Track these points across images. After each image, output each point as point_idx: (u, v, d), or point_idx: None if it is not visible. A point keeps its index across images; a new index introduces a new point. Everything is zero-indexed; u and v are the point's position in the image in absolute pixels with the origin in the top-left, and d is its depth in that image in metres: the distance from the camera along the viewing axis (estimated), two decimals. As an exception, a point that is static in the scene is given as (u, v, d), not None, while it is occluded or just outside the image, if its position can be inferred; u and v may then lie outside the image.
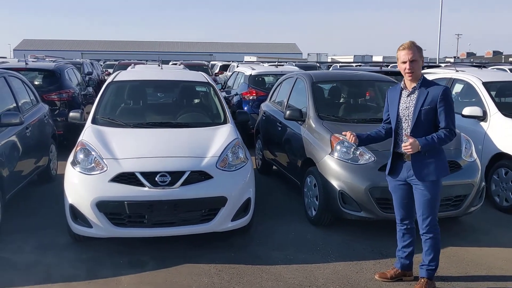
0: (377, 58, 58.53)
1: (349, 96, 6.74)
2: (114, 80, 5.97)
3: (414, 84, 3.62)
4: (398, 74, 10.85)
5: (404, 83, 3.69)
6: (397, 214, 3.89)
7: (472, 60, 66.31)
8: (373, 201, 4.70)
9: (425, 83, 3.63)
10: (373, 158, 4.82)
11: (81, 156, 4.50)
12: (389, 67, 19.48)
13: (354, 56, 62.38)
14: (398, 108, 3.67)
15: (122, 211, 4.20)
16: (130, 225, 4.27)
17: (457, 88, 7.70)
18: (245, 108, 9.70)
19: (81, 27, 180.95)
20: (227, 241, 4.73)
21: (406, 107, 3.63)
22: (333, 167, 4.94)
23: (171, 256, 4.41)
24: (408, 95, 3.65)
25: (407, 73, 3.57)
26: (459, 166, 4.95)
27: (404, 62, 3.57)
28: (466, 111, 6.35)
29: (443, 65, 20.75)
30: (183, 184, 4.28)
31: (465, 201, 4.92)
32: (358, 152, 4.90)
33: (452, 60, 59.39)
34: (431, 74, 8.33)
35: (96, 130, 4.97)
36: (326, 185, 4.96)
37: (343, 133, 3.90)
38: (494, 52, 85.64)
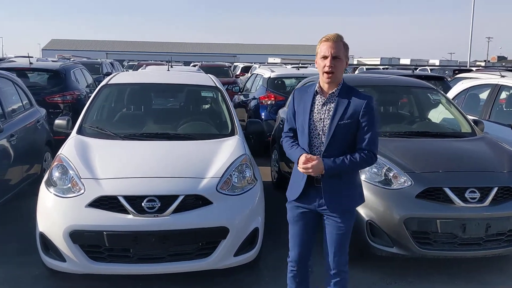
0: (405, 61, 57.04)
1: (380, 104, 5.87)
2: (109, 82, 5.23)
3: (332, 90, 2.79)
4: (432, 79, 9.95)
5: (320, 87, 2.83)
6: (293, 251, 3.05)
7: (504, 64, 63.98)
8: (408, 234, 3.84)
9: (345, 90, 2.80)
10: (409, 182, 3.96)
11: (56, 174, 3.77)
12: (417, 70, 18.43)
13: (381, 58, 60.97)
14: (310, 119, 2.82)
15: (101, 243, 3.45)
16: (111, 259, 3.52)
17: (503, 96, 6.74)
18: (263, 113, 8.91)
19: (109, 28, 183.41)
20: (230, 278, 3.95)
21: (320, 119, 2.80)
22: (360, 191, 4.08)
23: (161, 296, 3.66)
24: (323, 104, 2.80)
25: (326, 72, 2.73)
26: (515, 193, 4.04)
27: (325, 58, 2.74)
28: (520, 123, 5.43)
29: (474, 69, 19.56)
30: (175, 211, 3.51)
31: (522, 236, 4.01)
32: (391, 174, 4.04)
33: (482, 64, 57.37)
34: (472, 80, 7.39)
35: (79, 142, 4.23)
36: (351, 212, 4.11)
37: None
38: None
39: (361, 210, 4.01)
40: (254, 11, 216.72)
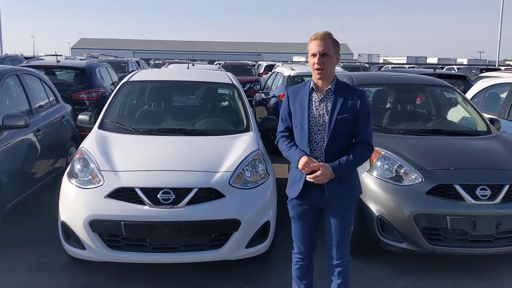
0: (432, 60, 56.21)
1: (395, 102, 5.90)
2: (130, 80, 5.43)
3: (327, 86, 2.88)
4: (455, 77, 9.87)
5: (315, 84, 2.91)
6: (297, 244, 3.15)
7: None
8: (418, 230, 3.89)
9: (340, 86, 2.90)
10: (420, 179, 4.01)
11: (78, 166, 3.96)
12: (444, 69, 18.19)
13: (407, 57, 60.23)
14: (309, 116, 2.88)
15: (119, 232, 3.62)
16: (128, 248, 3.69)
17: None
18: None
19: (137, 27, 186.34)
20: (242, 270, 4.06)
21: (319, 115, 2.87)
22: (372, 187, 4.15)
23: (176, 285, 3.81)
24: (321, 100, 2.88)
25: (316, 69, 2.83)
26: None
27: (314, 55, 2.83)
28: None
29: (503, 68, 19.19)
30: (189, 203, 3.65)
31: (535, 233, 4.01)
32: (402, 171, 4.10)
33: (512, 63, 55.96)
34: (492, 79, 7.32)
35: (100, 136, 4.42)
36: (362, 208, 4.18)
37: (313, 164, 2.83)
38: (559, 54, 79.91)
39: (372, 205, 4.08)
40: (279, 11, 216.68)
